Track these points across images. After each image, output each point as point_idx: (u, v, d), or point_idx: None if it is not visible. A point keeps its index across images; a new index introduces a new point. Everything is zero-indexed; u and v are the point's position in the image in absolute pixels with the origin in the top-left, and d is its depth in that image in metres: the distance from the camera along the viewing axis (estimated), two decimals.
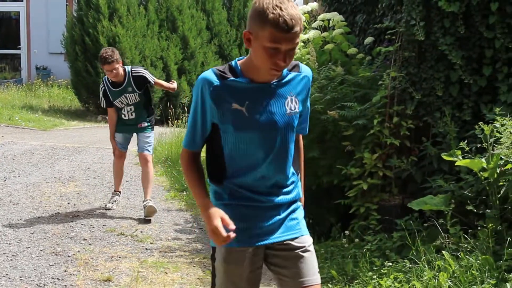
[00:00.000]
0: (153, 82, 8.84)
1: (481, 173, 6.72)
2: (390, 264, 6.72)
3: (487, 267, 6.09)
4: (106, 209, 8.58)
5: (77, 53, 21.13)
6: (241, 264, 3.23)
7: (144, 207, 8.98)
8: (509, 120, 6.67)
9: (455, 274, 6.11)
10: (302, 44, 10.50)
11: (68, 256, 7.51)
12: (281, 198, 3.33)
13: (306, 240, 3.39)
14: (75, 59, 21.27)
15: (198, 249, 7.96)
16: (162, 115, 20.77)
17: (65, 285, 6.62)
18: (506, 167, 6.46)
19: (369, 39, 9.69)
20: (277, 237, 3.29)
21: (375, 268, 6.59)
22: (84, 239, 8.17)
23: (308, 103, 3.46)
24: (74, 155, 14.11)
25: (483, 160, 6.71)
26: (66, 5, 26.59)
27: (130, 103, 8.53)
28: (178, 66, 21.57)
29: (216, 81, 3.15)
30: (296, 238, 3.33)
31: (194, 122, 3.27)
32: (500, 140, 6.60)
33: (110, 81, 8.49)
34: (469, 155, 6.92)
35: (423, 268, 6.42)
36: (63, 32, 22.41)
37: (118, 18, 21.00)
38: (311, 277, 3.34)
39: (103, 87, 8.64)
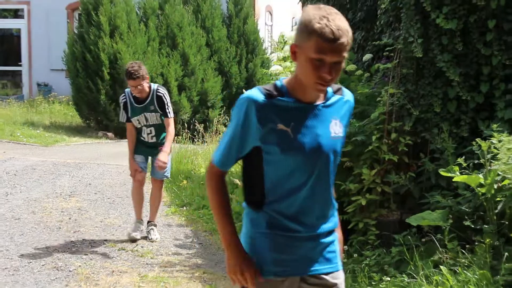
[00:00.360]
0: (167, 116, 7.91)
1: (478, 188, 6.76)
2: (389, 279, 6.74)
3: (484, 282, 6.12)
4: (130, 240, 7.98)
5: (78, 70, 21.10)
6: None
7: (148, 231, 8.73)
8: (506, 136, 6.70)
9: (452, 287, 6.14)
10: None
11: (70, 271, 7.54)
12: (322, 228, 3.23)
13: (339, 276, 3.33)
14: (76, 75, 21.24)
15: (199, 264, 7.99)
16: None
17: None
18: (503, 183, 6.49)
19: (367, 56, 9.75)
20: (315, 269, 3.21)
21: (373, 283, 6.60)
22: (85, 254, 8.20)
23: (347, 127, 3.37)
24: (75, 170, 14.13)
25: (480, 176, 6.74)
26: (67, 22, 26.60)
27: (150, 123, 7.74)
28: (179, 83, 21.51)
29: (263, 100, 3.04)
30: (331, 272, 3.26)
31: (231, 142, 3.15)
32: (497, 156, 6.63)
33: (133, 96, 7.81)
34: (467, 171, 6.95)
35: (421, 283, 6.45)
36: (64, 49, 22.37)
37: (119, 35, 20.98)
38: None
39: (124, 99, 7.85)
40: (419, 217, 7.24)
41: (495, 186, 6.56)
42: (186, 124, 20.04)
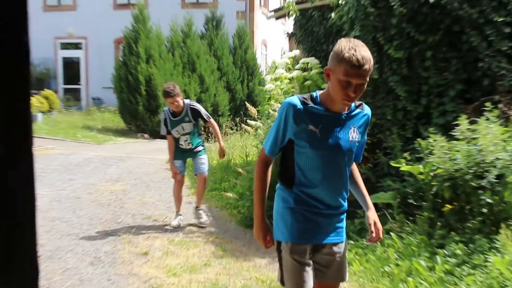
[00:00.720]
0: (207, 120, 7.83)
1: (419, 175, 6.78)
2: (353, 242, 6.76)
3: (423, 244, 6.15)
4: (172, 227, 7.75)
5: (122, 88, 21.19)
6: (304, 255, 3.15)
7: (197, 214, 8.26)
8: (440, 137, 6.73)
9: (400, 249, 6.17)
10: (288, 80, 10.55)
11: (117, 236, 7.56)
12: (336, 209, 3.26)
13: (343, 246, 3.34)
14: (121, 92, 21.32)
15: (212, 231, 7.99)
16: None
17: (114, 257, 6.66)
18: (437, 171, 6.50)
19: None
20: (329, 239, 3.23)
21: None
22: (128, 224, 8.22)
23: (365, 137, 3.38)
24: (120, 162, 14.13)
25: (420, 166, 6.77)
26: (115, 52, 26.64)
27: (186, 132, 7.49)
28: (197, 97, 21.55)
29: (299, 105, 3.09)
30: (339, 243, 3.29)
31: (276, 134, 3.18)
32: (433, 151, 6.66)
33: (171, 111, 7.52)
34: (411, 163, 6.98)
35: (376, 245, 6.47)
36: (112, 72, 22.45)
37: (153, 61, 21.05)
38: (344, 276, 3.35)
39: (164, 116, 7.60)
40: (376, 196, 7.25)
41: (431, 174, 6.58)
42: (202, 128, 20.05)
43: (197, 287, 5.74)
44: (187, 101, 7.54)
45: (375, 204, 7.30)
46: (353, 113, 3.19)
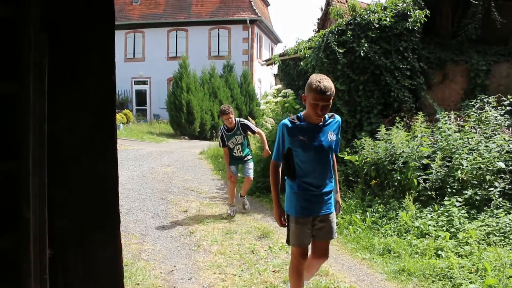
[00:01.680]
0: (255, 131, 6.63)
1: (355, 162, 6.78)
2: None
3: (358, 205, 6.14)
4: (228, 216, 6.50)
5: (172, 108, 21.27)
6: (305, 225, 3.07)
7: (242, 201, 6.95)
8: (368, 138, 6.73)
9: (344, 209, 6.14)
10: (274, 103, 10.55)
11: (167, 200, 7.54)
12: (325, 190, 3.12)
13: (333, 215, 3.21)
14: (171, 110, 21.40)
15: (227, 197, 7.95)
16: (211, 135, 20.88)
17: (166, 213, 6.66)
18: (366, 160, 6.50)
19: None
20: (322, 212, 3.12)
21: None
22: (175, 192, 8.20)
23: (339, 136, 3.21)
24: (170, 154, 14.13)
25: (356, 156, 6.77)
26: (167, 86, 26.82)
27: (238, 142, 6.50)
28: (217, 114, 21.70)
29: (290, 125, 3.01)
30: (329, 214, 3.16)
31: (278, 146, 3.07)
32: (364, 147, 6.66)
33: (226, 128, 6.51)
34: (350, 154, 6.99)
35: None
36: (166, 98, 22.57)
37: (191, 92, 21.12)
38: (332, 235, 3.21)
39: (221, 133, 6.55)
40: None
41: (363, 161, 6.58)
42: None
43: (218, 231, 5.73)
44: (237, 119, 6.63)
45: None
46: (327, 122, 3.09)
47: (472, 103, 7.07)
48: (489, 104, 6.73)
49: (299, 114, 3.13)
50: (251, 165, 6.79)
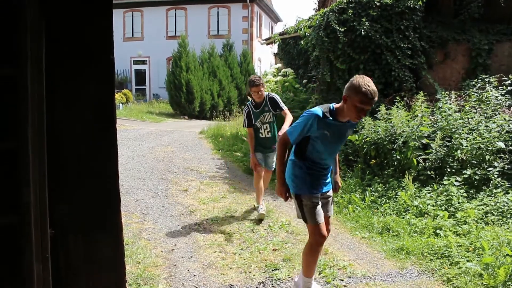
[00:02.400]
0: (283, 108, 5.37)
1: (355, 142, 6.78)
2: None
3: (357, 184, 6.16)
4: (257, 212, 5.43)
5: (171, 88, 21.13)
6: (316, 200, 3.06)
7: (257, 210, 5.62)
8: (368, 118, 6.71)
9: (343, 188, 6.17)
10: (274, 82, 10.51)
11: (167, 179, 7.56)
12: (328, 170, 3.17)
13: (331, 192, 3.30)
14: (170, 90, 21.28)
15: (227, 176, 8.00)
16: (211, 115, 20.84)
17: (166, 192, 6.68)
18: (366, 139, 6.50)
19: (305, 80, 9.70)
20: (325, 189, 3.19)
21: None
22: (175, 172, 8.22)
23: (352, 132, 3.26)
24: (170, 134, 14.11)
25: (356, 136, 6.76)
26: (166, 65, 26.66)
27: (266, 121, 5.43)
28: (217, 93, 21.59)
29: (321, 118, 2.88)
30: (329, 190, 3.24)
31: (301, 131, 2.94)
32: (364, 127, 6.65)
33: (253, 104, 5.46)
34: (350, 134, 6.98)
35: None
36: (165, 78, 22.43)
37: (190, 71, 20.96)
38: (331, 211, 3.32)
39: (248, 110, 5.48)
40: None
41: (363, 141, 6.58)
42: (221, 112, 20.05)
43: (218, 210, 5.76)
44: (266, 93, 5.61)
45: None
46: (349, 123, 3.04)
47: (473, 82, 7.03)
48: (490, 84, 6.70)
49: (331, 107, 2.99)
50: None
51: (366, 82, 2.79)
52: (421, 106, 6.55)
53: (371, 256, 4.21)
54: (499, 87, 6.58)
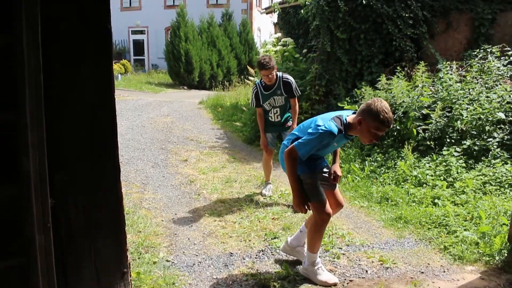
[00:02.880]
0: (295, 95, 4.94)
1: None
2: None
3: (357, 154, 6.17)
4: (262, 196, 5.11)
5: (170, 58, 20.97)
6: (315, 177, 3.02)
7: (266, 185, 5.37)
8: (368, 88, 6.66)
9: (343, 157, 6.18)
10: (274, 52, 10.39)
11: (167, 150, 7.57)
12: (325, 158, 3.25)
13: (327, 168, 3.30)
14: (169, 60, 21.12)
15: (226, 146, 8.01)
16: (210, 85, 20.69)
17: (166, 162, 6.69)
18: None
19: (305, 50, 9.59)
20: (322, 166, 3.21)
21: None
22: (174, 142, 8.22)
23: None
24: (169, 104, 14.06)
25: (356, 106, 6.73)
26: (165, 35, 26.38)
27: (276, 105, 4.95)
28: (216, 63, 21.39)
29: (336, 133, 2.76)
30: (325, 165, 3.26)
31: (313, 147, 2.82)
32: (364, 97, 6.61)
33: (263, 84, 4.93)
34: (350, 104, 6.94)
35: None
36: (164, 48, 22.21)
37: (189, 41, 20.73)
38: (335, 186, 3.28)
39: (256, 90, 4.99)
40: None
41: None
42: (220, 83, 19.93)
43: (218, 180, 5.78)
44: (279, 73, 4.99)
45: None
46: (351, 136, 2.98)
47: (475, 53, 6.95)
48: (492, 54, 6.62)
49: (345, 120, 2.87)
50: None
51: (384, 108, 2.68)
52: (421, 76, 6.50)
53: (369, 225, 4.25)
54: (501, 58, 6.51)
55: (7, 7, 1.38)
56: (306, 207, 2.94)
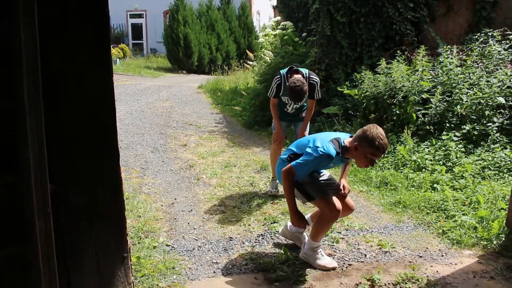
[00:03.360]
0: (314, 98, 4.50)
1: (355, 96, 6.73)
2: None
3: None
4: (270, 195, 4.60)
5: (169, 42, 20.84)
6: (312, 175, 3.04)
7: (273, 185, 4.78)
8: (368, 72, 6.63)
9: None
10: (273, 36, 10.32)
11: (166, 134, 7.57)
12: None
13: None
14: (168, 44, 20.99)
15: (226, 131, 8.00)
16: (209, 69, 20.59)
17: (166, 147, 6.70)
18: (366, 93, 6.45)
19: (304, 34, 9.53)
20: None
21: None
22: (174, 127, 8.21)
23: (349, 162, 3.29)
24: (168, 88, 14.01)
25: (356, 90, 6.71)
26: (163, 19, 26.15)
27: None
28: (215, 47, 21.25)
29: (334, 156, 2.83)
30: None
31: (311, 168, 2.91)
32: (364, 81, 6.58)
33: (288, 78, 4.34)
34: (350, 88, 6.92)
35: None
36: (162, 32, 22.05)
37: (188, 24, 20.57)
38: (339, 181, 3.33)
39: (279, 81, 4.42)
40: (327, 109, 7.23)
41: (362, 95, 6.53)
42: (219, 67, 19.82)
43: (217, 165, 5.79)
44: (306, 72, 4.47)
45: (327, 114, 7.29)
46: (348, 159, 3.04)
47: (476, 36, 6.90)
48: (493, 38, 6.57)
49: (342, 143, 2.93)
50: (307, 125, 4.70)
51: (379, 135, 2.76)
52: (422, 60, 6.46)
53: (368, 209, 4.27)
54: (502, 41, 6.46)
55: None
56: (305, 222, 2.99)
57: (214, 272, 3.05)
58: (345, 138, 2.97)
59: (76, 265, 1.76)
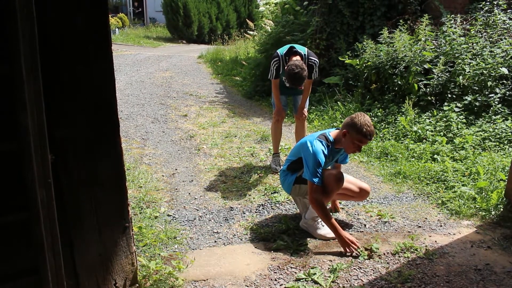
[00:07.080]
0: (311, 78, 4.30)
1: (356, 66, 6.67)
2: (314, 107, 6.76)
3: (357, 109, 6.14)
4: (274, 172, 4.47)
5: (168, 11, 20.57)
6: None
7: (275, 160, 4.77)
8: (370, 42, 6.55)
9: (343, 112, 6.16)
10: (274, 4, 10.17)
11: (167, 105, 7.53)
12: None
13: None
14: (167, 13, 20.70)
15: (226, 101, 7.96)
16: (209, 39, 20.34)
17: (166, 117, 6.68)
18: (367, 63, 6.39)
19: (305, 2, 9.37)
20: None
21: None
22: (174, 97, 8.17)
23: (347, 158, 3.42)
24: (168, 58, 13.87)
25: (357, 60, 6.64)
26: None
27: None
28: (215, 17, 20.92)
29: (325, 146, 2.97)
30: None
31: (319, 168, 2.93)
32: (366, 51, 6.50)
33: (287, 60, 4.24)
34: (351, 58, 6.85)
35: (328, 109, 6.47)
36: (161, 0, 21.72)
37: None
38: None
39: (278, 63, 4.26)
40: (328, 79, 7.17)
41: (364, 65, 6.46)
42: (219, 36, 19.57)
43: (218, 135, 5.79)
44: (305, 52, 4.30)
45: (328, 84, 7.24)
46: (342, 150, 3.19)
47: (481, 5, 6.78)
48: (499, 7, 6.45)
49: (330, 138, 3.08)
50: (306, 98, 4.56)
51: (367, 122, 2.93)
52: (424, 30, 6.36)
53: (368, 180, 4.29)
54: (508, 10, 6.35)
55: None
56: (356, 243, 2.91)
57: (215, 241, 3.08)
58: (330, 132, 3.15)
59: (79, 233, 1.77)
